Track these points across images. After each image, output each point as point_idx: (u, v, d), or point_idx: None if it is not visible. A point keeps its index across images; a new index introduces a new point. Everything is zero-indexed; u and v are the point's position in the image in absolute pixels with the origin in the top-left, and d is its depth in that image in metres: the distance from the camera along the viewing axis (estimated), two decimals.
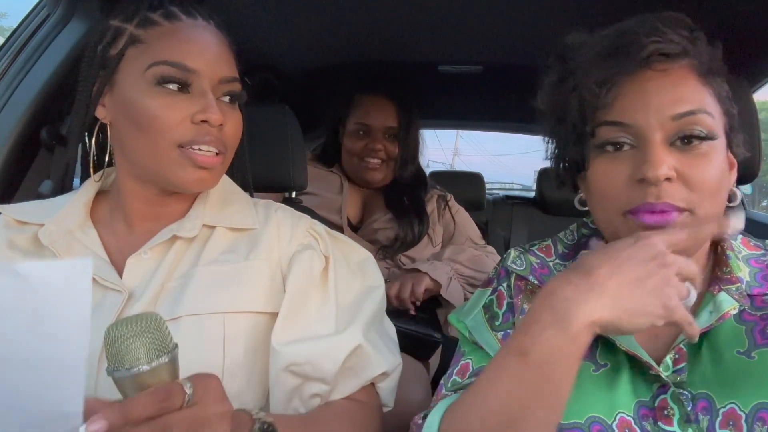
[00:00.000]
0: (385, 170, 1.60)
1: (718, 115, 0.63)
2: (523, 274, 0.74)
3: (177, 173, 0.72)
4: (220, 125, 0.72)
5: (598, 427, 0.62)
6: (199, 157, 0.71)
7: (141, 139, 0.71)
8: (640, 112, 0.62)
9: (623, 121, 0.62)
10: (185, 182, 0.73)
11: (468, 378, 0.72)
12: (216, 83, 0.73)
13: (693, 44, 0.63)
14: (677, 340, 0.63)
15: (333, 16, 1.42)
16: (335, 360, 0.72)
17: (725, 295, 0.64)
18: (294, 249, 0.79)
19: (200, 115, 0.70)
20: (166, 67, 0.70)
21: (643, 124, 0.61)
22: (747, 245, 0.70)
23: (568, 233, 0.79)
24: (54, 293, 0.48)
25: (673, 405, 0.61)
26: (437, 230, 1.63)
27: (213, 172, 0.74)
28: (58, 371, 0.48)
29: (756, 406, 0.58)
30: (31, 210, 0.79)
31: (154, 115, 0.70)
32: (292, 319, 0.73)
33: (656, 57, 0.62)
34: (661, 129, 0.61)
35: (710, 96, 0.63)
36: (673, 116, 0.61)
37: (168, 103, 0.70)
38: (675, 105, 0.61)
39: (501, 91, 2.03)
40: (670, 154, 0.61)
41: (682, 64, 0.63)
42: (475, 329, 0.75)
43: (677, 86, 0.62)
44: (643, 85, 0.62)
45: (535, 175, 3.40)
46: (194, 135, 0.71)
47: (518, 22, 1.41)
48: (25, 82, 1.09)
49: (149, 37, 0.72)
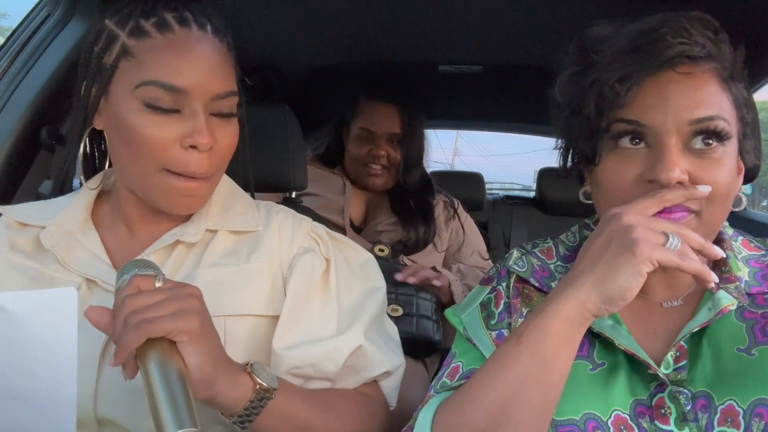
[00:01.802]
0: (386, 176, 1.60)
1: (733, 122, 0.63)
2: (524, 276, 0.74)
3: (162, 198, 0.71)
4: (210, 148, 0.69)
5: (594, 424, 0.62)
6: (182, 185, 0.70)
7: (129, 157, 0.70)
8: (659, 113, 0.61)
9: (641, 121, 0.62)
10: (170, 208, 0.72)
11: (457, 380, 0.72)
12: (208, 101, 0.69)
13: (717, 47, 0.63)
14: (678, 338, 0.64)
15: (333, 16, 1.42)
16: (336, 361, 0.72)
17: (724, 293, 0.64)
18: (295, 252, 0.78)
19: (189, 139, 0.68)
20: (154, 88, 0.67)
21: (661, 125, 0.61)
22: (747, 246, 0.71)
23: (570, 235, 0.79)
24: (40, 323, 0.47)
25: (670, 404, 0.62)
26: (443, 236, 1.62)
27: (199, 196, 0.73)
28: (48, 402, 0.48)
29: (754, 402, 0.58)
30: (33, 212, 0.79)
31: (143, 135, 0.67)
32: (294, 322, 0.73)
33: (681, 59, 0.61)
34: (678, 132, 0.61)
35: (728, 102, 0.63)
36: (690, 120, 0.60)
37: (157, 125, 0.67)
38: (694, 109, 0.61)
39: (501, 91, 2.03)
40: (683, 158, 0.61)
41: (705, 68, 0.62)
42: (470, 325, 0.75)
43: (698, 90, 0.61)
44: (665, 86, 0.62)
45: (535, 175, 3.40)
46: (182, 163, 0.69)
47: (518, 22, 1.41)
48: (25, 82, 1.09)
49: (140, 50, 0.68)
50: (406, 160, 1.60)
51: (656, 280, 0.69)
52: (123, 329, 0.55)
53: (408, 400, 0.95)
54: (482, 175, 2.52)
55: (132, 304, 0.56)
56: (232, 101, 0.73)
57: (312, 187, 1.48)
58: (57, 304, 0.48)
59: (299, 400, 0.67)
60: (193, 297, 0.59)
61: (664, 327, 0.67)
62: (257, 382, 0.62)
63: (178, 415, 0.51)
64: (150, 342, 0.55)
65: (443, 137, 20.83)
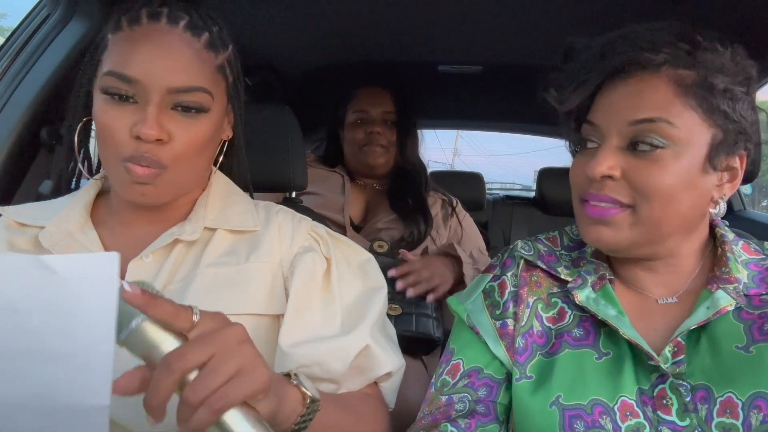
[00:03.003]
0: (387, 156, 1.62)
1: (692, 126, 0.64)
2: (531, 260, 0.77)
3: (120, 187, 0.71)
4: (158, 140, 0.68)
5: (600, 409, 0.64)
6: (132, 171, 0.69)
7: (101, 149, 0.72)
8: (606, 114, 0.67)
9: (593, 122, 0.69)
10: (128, 196, 0.72)
11: (459, 378, 0.73)
12: (164, 93, 0.68)
13: (690, 55, 0.64)
14: (675, 333, 0.65)
15: (333, 16, 1.42)
16: (343, 360, 0.72)
17: (722, 293, 0.66)
18: (295, 251, 0.79)
19: (135, 128, 0.68)
20: (110, 78, 0.69)
21: (605, 126, 0.67)
22: (747, 250, 0.72)
23: (574, 228, 0.81)
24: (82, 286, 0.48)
25: (671, 395, 0.63)
26: (441, 233, 1.63)
27: (154, 185, 0.71)
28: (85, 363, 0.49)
29: (753, 394, 0.60)
30: (31, 212, 0.79)
31: (102, 123, 0.69)
32: (297, 321, 0.73)
33: (630, 66, 0.66)
34: (618, 133, 0.66)
35: (684, 107, 0.64)
36: (630, 122, 0.65)
37: (112, 112, 0.69)
38: (635, 111, 0.65)
39: (501, 91, 2.03)
40: (618, 156, 0.66)
41: (658, 74, 0.65)
42: (474, 313, 0.77)
43: (642, 93, 0.65)
44: (613, 90, 0.67)
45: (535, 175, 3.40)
46: (133, 150, 0.68)
47: (518, 22, 1.41)
48: (25, 82, 1.09)
49: (113, 43, 0.71)
50: (401, 141, 1.62)
51: (650, 278, 0.72)
52: (185, 410, 0.47)
53: (408, 400, 0.95)
54: (482, 175, 2.53)
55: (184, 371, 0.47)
56: (199, 97, 0.71)
57: (312, 186, 1.48)
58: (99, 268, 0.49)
59: (332, 406, 0.66)
60: (245, 342, 0.51)
61: (663, 323, 0.69)
62: (306, 395, 0.59)
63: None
64: None
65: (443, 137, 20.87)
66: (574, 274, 0.74)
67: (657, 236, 0.67)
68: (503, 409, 0.72)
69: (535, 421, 0.66)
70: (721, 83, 0.64)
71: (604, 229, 0.67)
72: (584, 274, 0.73)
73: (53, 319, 0.49)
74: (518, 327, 0.73)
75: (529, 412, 0.67)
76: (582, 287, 0.71)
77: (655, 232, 0.66)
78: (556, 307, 0.73)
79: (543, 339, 0.72)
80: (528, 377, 0.70)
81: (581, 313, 0.72)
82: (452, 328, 0.81)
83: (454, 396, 0.72)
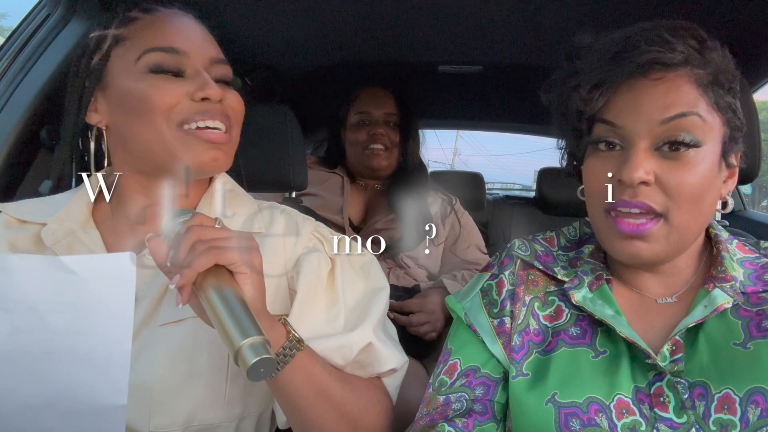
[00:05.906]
0: (389, 157, 1.62)
1: (714, 123, 0.65)
2: (528, 260, 0.77)
3: (188, 155, 0.71)
4: (220, 100, 0.72)
5: (596, 407, 0.64)
6: (206, 135, 0.71)
7: (143, 127, 0.71)
8: (631, 116, 0.65)
9: (615, 122, 0.66)
10: (198, 163, 0.72)
11: (456, 378, 0.73)
12: (208, 63, 0.74)
13: (701, 54, 0.65)
14: (674, 332, 0.66)
15: (333, 16, 1.42)
16: (346, 356, 0.73)
17: (719, 291, 0.66)
18: (299, 252, 0.79)
19: (199, 92, 0.71)
20: (157, 53, 0.71)
21: (632, 128, 0.64)
22: (742, 249, 0.73)
23: (572, 229, 0.82)
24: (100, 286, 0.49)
25: (668, 392, 0.64)
26: (440, 231, 1.63)
27: (224, 150, 0.74)
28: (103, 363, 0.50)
29: (750, 390, 0.60)
30: (32, 208, 0.79)
31: (151, 97, 0.70)
32: (302, 319, 0.73)
33: (652, 65, 0.64)
34: (649, 134, 0.64)
35: (706, 104, 0.64)
36: (662, 120, 0.63)
37: (166, 85, 0.71)
38: (665, 110, 0.63)
39: (501, 91, 2.03)
40: (652, 159, 0.64)
41: (679, 73, 0.64)
42: (471, 311, 0.77)
43: (669, 92, 0.64)
44: (638, 91, 0.65)
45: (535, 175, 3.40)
46: (195, 112, 0.71)
47: (518, 22, 1.41)
48: (25, 82, 1.09)
49: (132, 32, 0.73)
50: (404, 142, 1.63)
51: (652, 279, 0.72)
52: (191, 254, 0.56)
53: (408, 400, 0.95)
54: (482, 175, 2.53)
55: (200, 233, 0.58)
56: (228, 70, 0.77)
57: (312, 187, 1.48)
58: (117, 268, 0.49)
59: (321, 364, 0.69)
60: (253, 240, 0.61)
61: (661, 322, 0.69)
62: (290, 332, 0.65)
63: (243, 327, 0.53)
64: (211, 270, 0.57)
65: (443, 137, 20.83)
66: (571, 275, 0.74)
67: (686, 243, 0.67)
68: (500, 407, 0.72)
69: (531, 418, 0.66)
70: (726, 81, 0.65)
71: (640, 244, 0.65)
72: (581, 274, 0.73)
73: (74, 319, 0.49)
74: (515, 325, 0.73)
75: (525, 410, 0.67)
76: (579, 287, 0.72)
77: (685, 239, 0.66)
78: (553, 306, 0.74)
79: (539, 337, 0.72)
80: (524, 375, 0.70)
81: (578, 311, 0.72)
82: (450, 327, 0.81)
83: (452, 396, 0.73)
